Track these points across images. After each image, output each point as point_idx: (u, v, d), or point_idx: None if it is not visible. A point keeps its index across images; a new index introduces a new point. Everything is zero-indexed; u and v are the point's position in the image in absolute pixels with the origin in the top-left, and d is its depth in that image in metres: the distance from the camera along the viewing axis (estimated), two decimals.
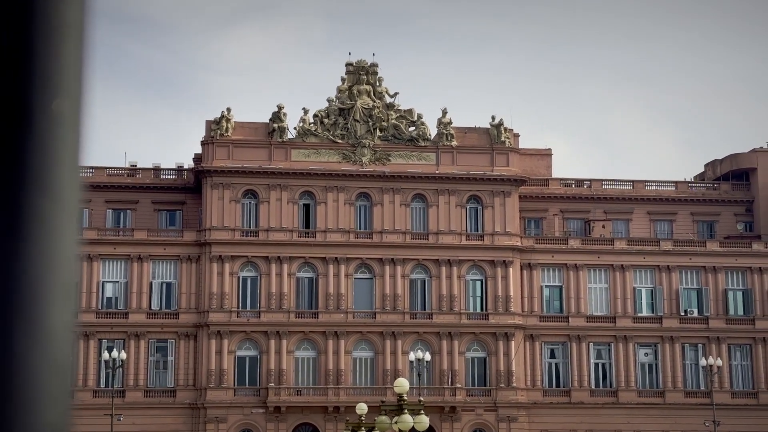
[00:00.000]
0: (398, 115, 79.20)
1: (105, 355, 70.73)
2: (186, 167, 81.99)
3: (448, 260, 77.26)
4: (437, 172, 78.20)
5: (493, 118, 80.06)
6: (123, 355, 70.78)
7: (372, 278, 76.98)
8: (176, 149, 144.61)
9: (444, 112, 79.61)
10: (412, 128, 79.25)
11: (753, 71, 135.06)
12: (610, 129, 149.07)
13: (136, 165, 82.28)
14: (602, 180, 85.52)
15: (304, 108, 78.82)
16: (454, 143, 79.01)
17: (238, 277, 76.05)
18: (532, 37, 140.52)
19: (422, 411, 34.94)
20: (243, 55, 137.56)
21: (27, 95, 1.46)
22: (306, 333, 75.83)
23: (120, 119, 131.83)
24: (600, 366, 78.71)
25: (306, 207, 77.65)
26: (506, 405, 75.91)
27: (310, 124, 78.36)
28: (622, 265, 79.17)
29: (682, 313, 79.32)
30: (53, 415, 1.18)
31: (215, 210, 76.41)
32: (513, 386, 76.28)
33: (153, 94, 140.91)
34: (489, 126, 79.94)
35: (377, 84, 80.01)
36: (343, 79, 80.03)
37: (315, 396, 74.76)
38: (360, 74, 79.83)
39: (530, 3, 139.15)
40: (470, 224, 78.68)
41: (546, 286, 78.98)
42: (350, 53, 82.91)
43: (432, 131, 79.31)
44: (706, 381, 76.47)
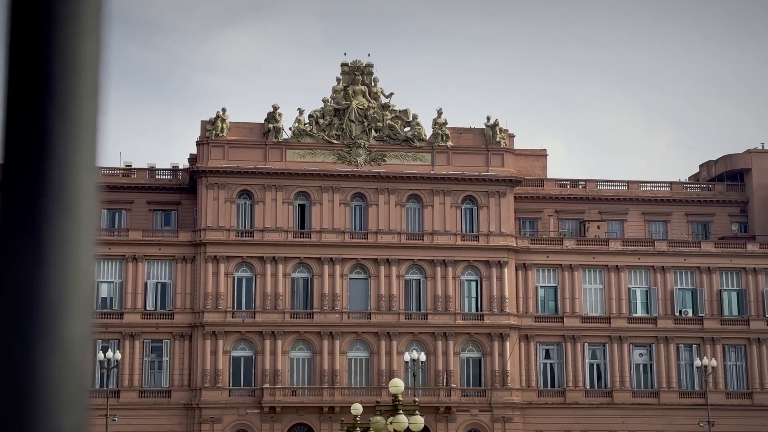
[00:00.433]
0: (393, 116, 79.23)
1: (100, 356, 70.64)
2: (181, 167, 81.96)
3: (443, 260, 77.30)
4: (432, 173, 78.24)
5: (488, 119, 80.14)
6: (118, 356, 70.70)
7: (367, 278, 77.00)
8: (171, 149, 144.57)
9: (439, 113, 79.67)
10: (408, 129, 79.28)
11: (748, 72, 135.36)
12: (605, 130, 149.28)
13: (131, 165, 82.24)
14: (597, 180, 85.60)
15: (300, 108, 78.88)
16: (449, 144, 79.05)
17: (233, 278, 76.04)
18: (528, 38, 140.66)
19: (417, 411, 34.97)
20: (238, 56, 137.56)
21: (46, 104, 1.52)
22: (301, 333, 75.82)
23: (115, 119, 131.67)
24: (595, 366, 78.78)
25: (301, 207, 77.65)
26: (501, 405, 75.96)
27: (306, 125, 78.36)
28: (617, 266, 79.25)
29: (677, 314, 79.42)
30: (72, 417, 1.26)
31: (210, 210, 76.39)
32: (508, 386, 76.34)
33: (148, 95, 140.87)
34: (484, 126, 80.00)
35: (372, 84, 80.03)
36: (339, 80, 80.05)
37: (310, 396, 74.76)
38: (355, 75, 79.85)
39: (526, 4, 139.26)
40: (465, 225, 78.73)
41: (541, 287, 79.05)
42: (345, 53, 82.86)
43: (427, 132, 79.36)
44: (701, 381, 76.56)
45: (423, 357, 73.39)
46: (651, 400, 78.12)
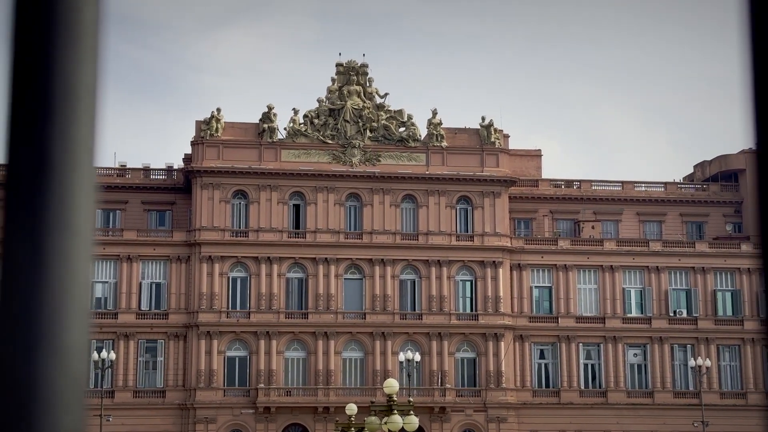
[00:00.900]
0: (388, 116, 79.25)
1: (94, 356, 70.56)
2: (176, 167, 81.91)
3: (438, 261, 77.33)
4: (427, 173, 78.27)
5: (483, 119, 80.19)
6: (112, 356, 70.63)
7: (362, 279, 77.01)
8: (166, 149, 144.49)
9: (434, 113, 79.70)
10: (402, 129, 79.31)
11: (743, 72, 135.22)
12: (600, 130, 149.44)
13: (126, 165, 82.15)
14: (592, 181, 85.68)
15: (294, 108, 78.85)
16: (444, 144, 79.09)
17: (228, 278, 76.01)
18: (523, 38, 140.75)
19: (412, 411, 34.99)
20: (233, 55, 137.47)
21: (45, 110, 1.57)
22: (296, 333, 75.81)
23: (109, 119, 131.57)
24: (589, 366, 78.85)
25: (296, 207, 77.65)
26: (496, 405, 76.00)
27: (300, 125, 78.36)
28: (612, 266, 79.33)
29: (671, 314, 79.51)
30: (70, 420, 1.38)
31: (205, 210, 76.36)
32: (502, 387, 76.38)
33: (143, 95, 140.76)
34: (479, 127, 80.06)
35: (367, 84, 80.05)
36: (333, 80, 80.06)
37: (305, 396, 74.76)
38: (350, 75, 79.87)
39: (521, 3, 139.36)
40: (460, 225, 78.77)
41: (535, 287, 79.11)
42: (340, 54, 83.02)
43: (422, 132, 79.38)
44: (695, 381, 76.66)
45: (417, 357, 73.43)
46: (645, 400, 78.20)
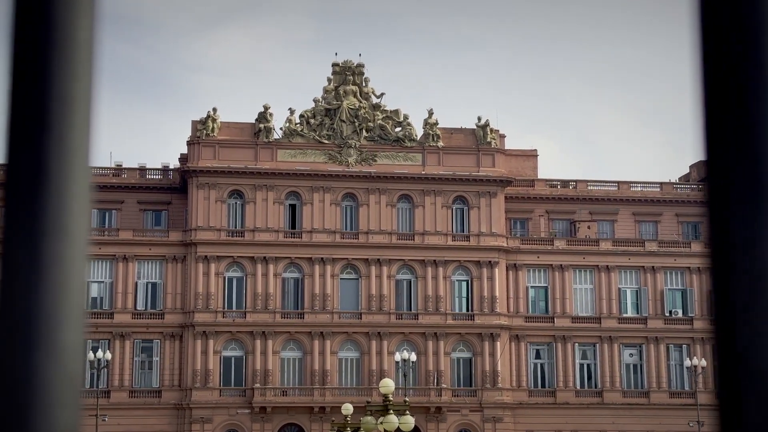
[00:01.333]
0: (384, 116, 79.27)
1: (90, 356, 70.57)
2: (172, 167, 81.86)
3: (434, 261, 77.36)
4: (423, 173, 78.30)
5: (479, 119, 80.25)
6: (108, 356, 70.62)
7: (358, 279, 77.02)
8: (162, 149, 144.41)
9: (430, 113, 79.73)
10: (399, 129, 79.34)
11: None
12: (596, 130, 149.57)
13: (122, 165, 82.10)
14: (588, 181, 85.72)
15: (291, 108, 78.88)
16: (440, 144, 79.12)
17: (224, 278, 75.99)
18: (519, 39, 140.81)
19: (408, 411, 35.01)
20: (229, 55, 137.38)
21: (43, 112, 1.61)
22: (292, 333, 75.81)
23: (105, 119, 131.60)
24: (585, 366, 78.92)
25: (292, 207, 77.64)
26: (492, 405, 76.05)
27: (297, 125, 78.37)
28: (608, 266, 79.40)
29: (667, 314, 79.60)
30: (66, 418, 1.48)
31: (201, 210, 76.33)
32: (498, 387, 76.42)
33: (139, 94, 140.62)
34: (475, 127, 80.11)
35: (363, 84, 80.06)
36: (330, 80, 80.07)
37: (301, 396, 74.76)
38: (346, 75, 79.88)
39: (517, 4, 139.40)
40: (456, 225, 78.81)
41: (531, 287, 79.16)
42: (336, 54, 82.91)
43: (418, 132, 79.42)
44: (691, 381, 76.75)
45: (414, 357, 73.44)
46: (641, 400, 78.28)
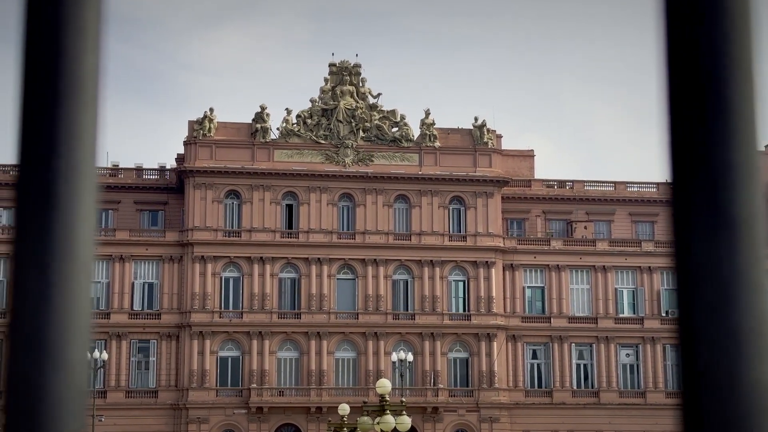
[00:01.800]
0: (381, 116, 79.29)
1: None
2: (168, 167, 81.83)
3: (431, 261, 77.37)
4: (420, 173, 78.32)
5: (476, 119, 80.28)
6: (104, 356, 70.57)
7: (354, 279, 77.02)
8: (159, 149, 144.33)
9: (427, 113, 79.76)
10: (395, 129, 79.36)
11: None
12: (593, 130, 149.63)
13: (118, 165, 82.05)
14: (584, 181, 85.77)
15: (287, 108, 78.85)
16: (437, 144, 79.15)
17: (221, 278, 75.98)
18: (516, 38, 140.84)
19: (404, 411, 35.03)
20: (226, 55, 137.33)
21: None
22: (288, 333, 75.81)
23: (102, 119, 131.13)
24: (582, 367, 78.97)
25: (289, 207, 77.63)
26: (488, 405, 76.07)
27: (293, 125, 78.36)
28: (604, 266, 79.46)
29: (664, 314, 79.66)
30: (73, 425, 1.58)
31: (197, 210, 76.31)
32: (495, 387, 76.45)
33: (135, 94, 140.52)
34: (472, 127, 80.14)
35: (360, 85, 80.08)
36: (326, 80, 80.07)
37: (297, 397, 74.75)
38: (343, 75, 79.89)
39: (514, 4, 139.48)
40: (453, 225, 78.83)
41: (528, 287, 79.20)
42: (333, 54, 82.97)
43: (415, 132, 79.44)
44: None
45: (410, 357, 73.49)
46: (638, 401, 78.35)
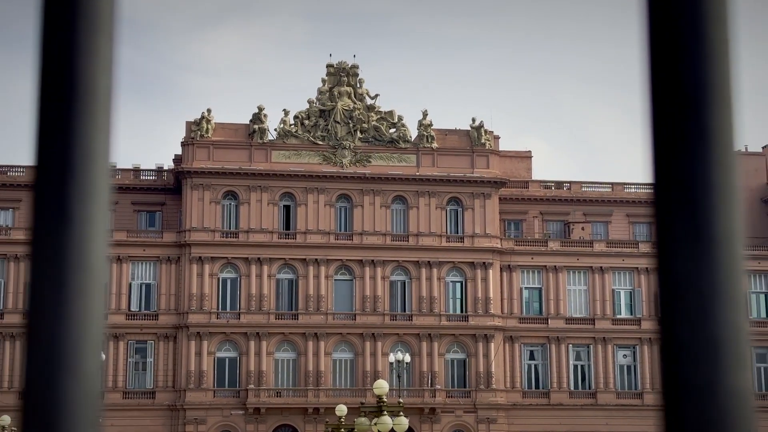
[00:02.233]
0: (379, 117, 79.31)
1: None
2: (166, 168, 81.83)
3: (428, 262, 77.38)
4: (417, 174, 78.34)
5: (474, 120, 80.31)
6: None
7: (352, 280, 77.02)
8: (156, 150, 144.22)
9: (424, 114, 79.78)
10: (393, 130, 79.37)
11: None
12: (590, 131, 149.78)
13: (116, 166, 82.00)
14: (582, 182, 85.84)
15: (285, 109, 78.85)
16: (435, 145, 79.17)
17: (218, 279, 75.96)
18: (513, 40, 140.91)
19: (402, 412, 35.03)
20: (223, 56, 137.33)
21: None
22: (286, 334, 75.80)
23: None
24: (579, 367, 79.00)
25: (286, 208, 77.63)
26: (486, 406, 76.09)
27: (291, 126, 78.36)
28: (602, 267, 79.50)
29: None
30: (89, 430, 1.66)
31: (195, 211, 76.30)
32: (492, 388, 76.47)
33: (133, 95, 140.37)
34: (469, 128, 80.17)
35: (358, 86, 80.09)
36: (324, 81, 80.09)
37: (295, 397, 74.74)
38: (341, 76, 79.91)
39: (511, 5, 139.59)
40: (450, 226, 78.85)
41: (525, 288, 79.23)
42: (331, 55, 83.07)
43: (412, 133, 79.46)
44: None
45: (408, 358, 73.49)
46: (635, 402, 78.38)
